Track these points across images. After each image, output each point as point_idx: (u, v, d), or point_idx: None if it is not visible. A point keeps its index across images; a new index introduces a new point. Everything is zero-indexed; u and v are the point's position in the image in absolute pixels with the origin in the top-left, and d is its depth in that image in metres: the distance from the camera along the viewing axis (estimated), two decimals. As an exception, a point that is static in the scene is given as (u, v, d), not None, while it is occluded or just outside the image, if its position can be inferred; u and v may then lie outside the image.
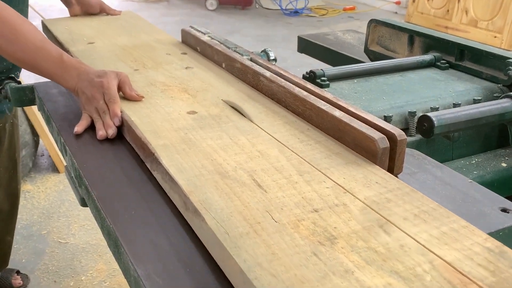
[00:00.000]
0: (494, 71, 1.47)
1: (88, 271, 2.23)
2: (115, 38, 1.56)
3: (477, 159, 1.32)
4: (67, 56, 1.13)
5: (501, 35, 5.44)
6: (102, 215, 0.82)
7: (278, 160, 0.88)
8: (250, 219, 0.71)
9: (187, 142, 0.93)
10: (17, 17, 1.13)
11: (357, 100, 1.32)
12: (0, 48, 1.11)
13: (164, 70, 1.31)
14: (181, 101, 1.12)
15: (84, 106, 1.09)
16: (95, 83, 1.07)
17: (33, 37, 1.11)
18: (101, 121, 1.05)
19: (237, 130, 0.99)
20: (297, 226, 0.70)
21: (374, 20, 1.81)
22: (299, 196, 0.77)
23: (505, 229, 0.81)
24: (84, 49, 1.45)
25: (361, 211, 0.73)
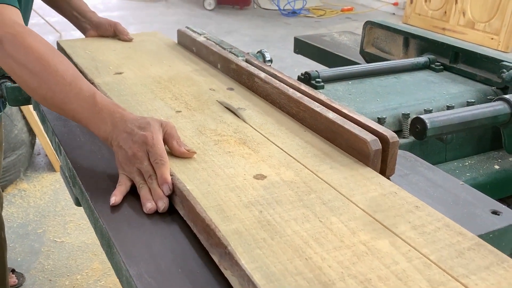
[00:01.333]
0: (488, 73, 1.48)
1: (83, 270, 2.24)
2: (146, 68, 1.32)
3: (470, 161, 1.33)
4: (101, 96, 0.92)
5: (498, 37, 5.46)
6: (95, 215, 0.82)
7: (394, 259, 0.65)
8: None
9: (266, 226, 0.70)
10: (46, 47, 0.96)
11: (351, 101, 1.33)
12: (23, 81, 0.95)
13: (211, 112, 1.07)
14: (242, 158, 0.89)
15: (122, 165, 0.86)
16: (137, 138, 0.84)
17: (64, 71, 0.92)
18: (147, 188, 0.83)
19: (324, 206, 0.76)
20: None
21: (369, 22, 1.82)
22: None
23: (495, 231, 0.82)
24: (112, 81, 1.21)
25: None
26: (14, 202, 2.67)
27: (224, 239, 0.67)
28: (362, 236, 0.69)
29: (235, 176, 0.84)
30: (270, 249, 0.66)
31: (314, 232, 0.70)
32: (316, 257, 0.65)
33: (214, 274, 0.69)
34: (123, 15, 6.57)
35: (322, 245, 0.67)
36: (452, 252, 0.66)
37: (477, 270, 0.63)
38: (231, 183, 0.81)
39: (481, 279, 0.61)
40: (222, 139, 0.96)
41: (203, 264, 0.71)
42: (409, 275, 0.61)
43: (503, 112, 1.24)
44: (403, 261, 0.64)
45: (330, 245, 0.67)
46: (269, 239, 0.68)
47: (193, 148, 0.91)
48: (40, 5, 1.76)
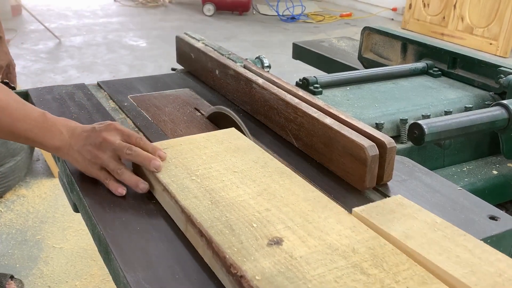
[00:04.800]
0: (486, 79, 1.49)
1: (82, 276, 2.23)
2: (308, 227, 0.75)
3: (468, 167, 1.33)
4: (49, 114, 0.93)
5: (497, 42, 5.47)
6: (93, 222, 0.82)
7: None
8: None
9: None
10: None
11: (349, 107, 1.33)
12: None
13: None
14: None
15: (87, 167, 0.91)
16: (100, 137, 0.90)
17: (6, 96, 0.90)
18: (113, 180, 0.89)
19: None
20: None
21: (367, 27, 1.83)
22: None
23: (493, 236, 0.82)
24: (274, 271, 0.66)
25: None
26: (13, 208, 2.66)
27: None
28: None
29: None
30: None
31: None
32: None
33: (211, 280, 0.69)
34: (123, 21, 6.59)
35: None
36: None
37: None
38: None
39: None
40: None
41: (200, 270, 0.71)
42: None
43: (501, 117, 1.25)
44: None
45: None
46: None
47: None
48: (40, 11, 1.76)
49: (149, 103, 1.29)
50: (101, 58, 5.02)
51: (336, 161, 0.96)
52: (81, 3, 7.47)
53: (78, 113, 1.21)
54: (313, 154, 1.02)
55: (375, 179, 0.91)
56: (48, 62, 4.85)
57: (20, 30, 5.72)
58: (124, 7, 7.45)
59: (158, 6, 7.58)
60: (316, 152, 1.01)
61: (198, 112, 1.25)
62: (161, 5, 7.61)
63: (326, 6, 7.75)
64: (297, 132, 1.06)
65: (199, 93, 1.38)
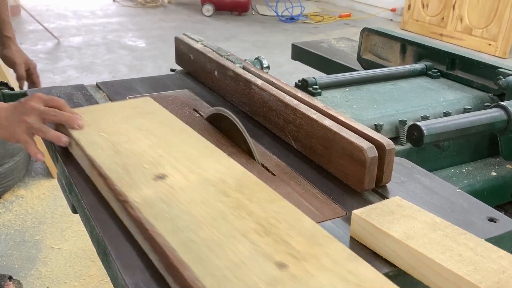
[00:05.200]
0: (485, 80, 1.49)
1: (81, 277, 2.23)
2: (194, 161, 0.92)
3: (467, 168, 1.33)
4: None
5: (496, 43, 5.47)
6: (91, 223, 0.82)
7: None
8: None
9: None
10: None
11: (348, 108, 1.33)
12: None
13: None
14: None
15: (12, 135, 1.00)
16: (26, 103, 1.00)
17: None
18: (33, 143, 1.01)
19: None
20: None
21: (366, 28, 1.83)
22: None
23: (492, 238, 0.82)
24: (154, 196, 0.81)
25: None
26: (12, 208, 2.66)
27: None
28: None
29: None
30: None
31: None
32: None
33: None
34: (122, 22, 6.58)
35: None
36: None
37: None
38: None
39: None
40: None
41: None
42: None
43: (500, 119, 1.25)
44: None
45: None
46: None
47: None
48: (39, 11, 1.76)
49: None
50: (100, 59, 5.02)
51: (335, 163, 0.96)
52: (80, 3, 7.46)
53: (77, 114, 1.20)
54: (312, 156, 1.02)
55: (374, 181, 0.91)
56: (47, 63, 4.84)
57: (19, 30, 5.71)
58: (123, 7, 7.44)
59: (157, 6, 7.58)
60: (315, 154, 1.01)
61: (197, 113, 1.25)
62: (160, 6, 7.61)
63: (325, 7, 7.76)
64: (296, 134, 1.06)
65: (198, 94, 1.38)
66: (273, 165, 1.01)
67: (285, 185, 0.93)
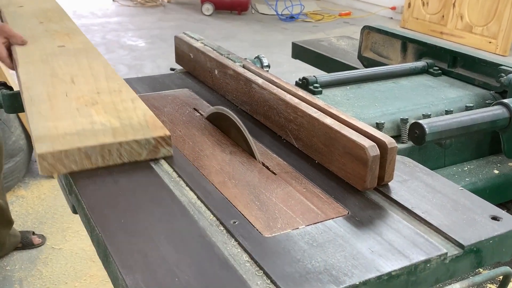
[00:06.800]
0: (487, 77, 1.48)
1: (82, 277, 2.22)
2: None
3: (469, 166, 1.33)
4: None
5: (496, 41, 5.47)
6: (91, 224, 0.82)
7: None
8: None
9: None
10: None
11: (349, 107, 1.32)
12: None
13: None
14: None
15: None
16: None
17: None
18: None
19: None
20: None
21: (367, 26, 1.82)
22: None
23: (496, 237, 0.81)
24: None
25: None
26: (12, 209, 2.65)
27: None
28: None
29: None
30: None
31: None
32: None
33: (208, 282, 0.68)
34: (121, 21, 6.58)
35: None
36: None
37: None
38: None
39: None
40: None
41: (198, 273, 0.70)
42: None
43: (502, 116, 1.24)
44: None
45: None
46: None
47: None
48: None
49: (147, 103, 1.27)
50: (100, 58, 5.00)
51: (337, 162, 0.95)
52: (80, 3, 7.45)
53: (76, 114, 1.19)
54: (313, 155, 1.02)
55: (376, 180, 0.90)
56: (46, 63, 4.83)
57: (18, 31, 5.69)
58: (122, 7, 7.44)
59: (156, 5, 7.57)
60: (316, 153, 1.00)
61: (197, 113, 1.24)
62: (159, 5, 7.60)
63: (325, 5, 7.74)
64: (297, 133, 1.05)
65: (198, 93, 1.37)
66: (274, 164, 1.00)
67: (286, 184, 0.93)
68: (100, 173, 0.94)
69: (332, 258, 0.73)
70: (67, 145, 0.94)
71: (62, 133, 0.99)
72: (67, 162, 0.94)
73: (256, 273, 0.71)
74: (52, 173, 0.95)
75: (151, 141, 0.98)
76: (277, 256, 0.73)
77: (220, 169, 0.97)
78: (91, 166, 0.95)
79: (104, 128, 1.01)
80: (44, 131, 1.00)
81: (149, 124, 1.03)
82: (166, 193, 0.89)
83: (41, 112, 1.08)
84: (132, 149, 0.98)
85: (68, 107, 1.10)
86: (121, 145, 0.97)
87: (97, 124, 1.02)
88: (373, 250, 0.75)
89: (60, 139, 0.97)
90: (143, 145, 0.98)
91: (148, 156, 0.99)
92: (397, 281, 0.72)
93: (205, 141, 1.08)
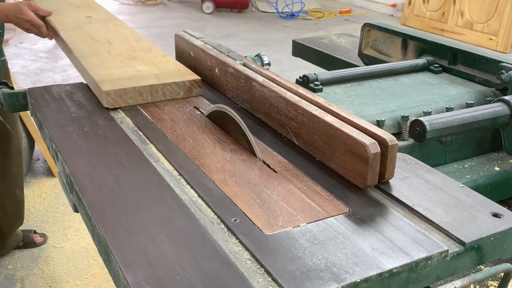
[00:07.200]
0: (487, 74, 1.48)
1: (83, 275, 2.22)
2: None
3: (470, 163, 1.33)
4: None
5: (497, 38, 5.46)
6: (92, 222, 0.82)
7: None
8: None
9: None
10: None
11: (350, 104, 1.32)
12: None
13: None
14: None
15: (23, 28, 1.68)
16: (22, 17, 1.63)
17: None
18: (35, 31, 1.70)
19: None
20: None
21: (367, 24, 1.82)
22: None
23: (497, 234, 0.81)
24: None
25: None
26: (14, 208, 2.66)
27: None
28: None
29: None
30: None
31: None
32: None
33: (210, 280, 0.68)
34: (122, 20, 6.56)
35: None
36: None
37: None
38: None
39: None
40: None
41: (200, 270, 0.70)
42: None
43: (503, 113, 1.24)
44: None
45: None
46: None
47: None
48: (37, 10, 1.79)
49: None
50: (100, 57, 5.00)
51: (337, 159, 0.95)
52: (80, 1, 7.44)
53: (77, 112, 1.20)
54: (314, 152, 1.02)
55: (376, 177, 0.90)
56: (47, 61, 4.84)
57: (18, 30, 5.69)
58: (123, 6, 7.43)
59: (157, 4, 7.57)
60: (317, 150, 1.00)
61: (197, 111, 1.24)
62: (160, 3, 7.59)
63: (325, 3, 7.74)
64: (298, 130, 1.05)
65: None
66: (274, 162, 1.00)
67: (287, 182, 0.93)
68: (101, 171, 0.94)
69: (333, 256, 0.73)
70: (125, 85, 1.23)
71: (117, 78, 1.27)
72: (126, 98, 1.22)
73: (257, 270, 0.71)
74: (114, 106, 1.21)
75: (187, 83, 1.28)
76: (278, 253, 0.73)
77: (220, 167, 0.97)
78: (143, 102, 1.24)
79: (148, 74, 1.30)
80: (102, 76, 1.27)
81: (182, 71, 1.33)
82: (167, 191, 0.89)
83: (93, 63, 1.36)
84: (172, 89, 1.27)
85: (113, 60, 1.38)
86: (164, 86, 1.26)
87: (141, 72, 1.32)
88: (374, 248, 0.75)
89: (117, 81, 1.24)
90: (181, 86, 1.27)
91: (184, 95, 1.29)
92: (398, 278, 0.72)
93: (205, 139, 1.09)
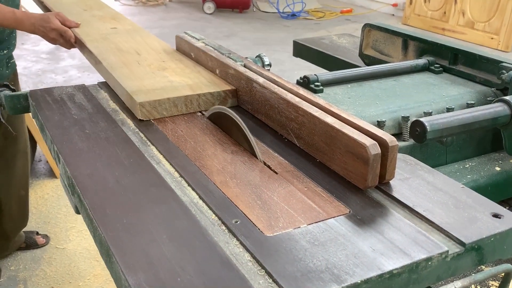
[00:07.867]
0: (488, 74, 1.48)
1: (85, 276, 2.23)
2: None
3: (471, 164, 1.33)
4: (19, 12, 1.61)
5: (498, 37, 5.45)
6: (94, 224, 0.82)
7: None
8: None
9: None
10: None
11: (350, 105, 1.32)
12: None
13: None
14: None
15: (47, 38, 1.68)
16: (48, 27, 1.62)
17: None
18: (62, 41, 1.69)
19: None
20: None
21: (368, 24, 1.82)
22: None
23: (497, 234, 0.81)
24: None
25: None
26: (16, 209, 2.66)
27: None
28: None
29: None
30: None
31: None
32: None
33: (211, 282, 0.68)
34: (123, 20, 6.56)
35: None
36: None
37: None
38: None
39: None
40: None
41: (201, 272, 0.70)
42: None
43: (503, 113, 1.24)
44: None
45: None
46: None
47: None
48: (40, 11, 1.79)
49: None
50: (101, 58, 5.01)
51: (338, 160, 0.95)
52: (81, 2, 7.45)
53: (78, 114, 1.20)
54: (315, 153, 1.02)
55: (377, 178, 0.90)
56: (49, 63, 4.85)
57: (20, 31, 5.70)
58: (124, 6, 7.44)
59: (158, 4, 7.57)
60: (318, 151, 1.01)
61: (198, 112, 1.24)
62: (161, 4, 7.60)
63: (326, 3, 7.73)
64: (298, 131, 1.05)
65: (200, 92, 1.37)
66: (275, 163, 1.00)
67: (288, 183, 0.93)
68: (102, 173, 0.95)
69: (334, 257, 0.73)
70: (159, 96, 1.18)
71: (150, 89, 1.23)
72: (160, 109, 1.18)
73: (258, 272, 0.71)
74: (148, 117, 1.17)
75: (221, 93, 1.24)
76: (279, 255, 0.73)
77: (221, 169, 0.97)
78: (177, 113, 1.20)
79: (182, 85, 1.26)
80: (135, 87, 1.23)
81: (216, 82, 1.29)
82: (168, 193, 0.89)
83: (124, 74, 1.31)
84: (207, 100, 1.22)
85: (144, 71, 1.34)
86: (199, 96, 1.22)
87: (174, 82, 1.27)
88: (375, 249, 0.75)
89: (151, 92, 1.20)
90: (216, 97, 1.23)
91: (219, 105, 1.22)
92: (398, 279, 0.72)
93: (206, 140, 1.09)
